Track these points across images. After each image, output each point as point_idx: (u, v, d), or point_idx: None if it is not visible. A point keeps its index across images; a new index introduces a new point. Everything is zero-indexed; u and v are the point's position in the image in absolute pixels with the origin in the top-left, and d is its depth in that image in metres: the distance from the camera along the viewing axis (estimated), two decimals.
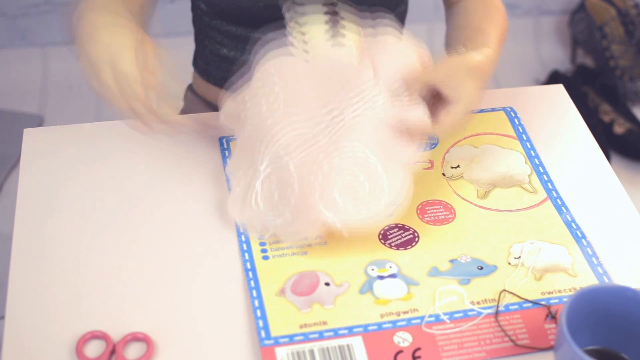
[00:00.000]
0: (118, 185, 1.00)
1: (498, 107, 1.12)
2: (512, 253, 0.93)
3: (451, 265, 0.92)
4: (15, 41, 2.19)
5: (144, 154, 1.03)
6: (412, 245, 0.94)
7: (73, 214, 0.96)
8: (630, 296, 0.81)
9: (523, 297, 0.89)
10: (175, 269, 0.91)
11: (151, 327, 0.85)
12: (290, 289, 0.88)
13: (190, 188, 0.99)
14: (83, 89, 2.11)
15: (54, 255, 0.92)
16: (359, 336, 0.85)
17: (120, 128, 1.08)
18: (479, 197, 1.00)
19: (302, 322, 0.85)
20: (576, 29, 2.29)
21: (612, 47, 2.19)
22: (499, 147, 1.06)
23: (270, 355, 0.82)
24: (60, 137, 1.06)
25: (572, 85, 2.09)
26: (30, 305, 0.87)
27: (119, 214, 0.96)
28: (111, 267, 0.91)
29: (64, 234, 0.94)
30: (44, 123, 2.06)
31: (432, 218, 0.97)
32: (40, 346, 0.84)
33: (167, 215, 0.96)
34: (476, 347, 0.84)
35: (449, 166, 1.04)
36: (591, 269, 0.92)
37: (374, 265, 0.91)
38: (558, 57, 2.32)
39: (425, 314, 0.87)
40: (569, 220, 0.97)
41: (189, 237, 0.94)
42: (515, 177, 1.03)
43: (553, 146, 1.08)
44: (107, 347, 0.83)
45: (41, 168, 1.01)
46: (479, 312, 0.87)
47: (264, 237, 0.93)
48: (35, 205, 0.97)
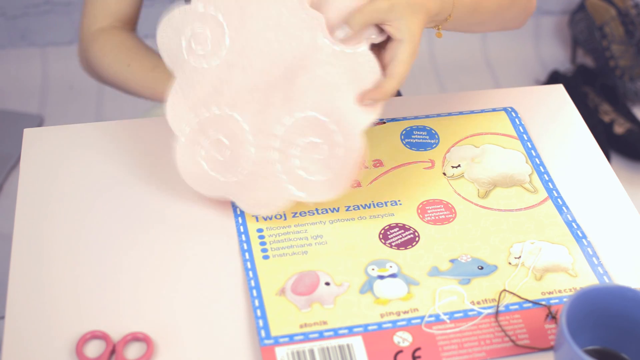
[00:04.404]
0: (118, 185, 0.99)
1: (499, 107, 1.12)
2: (513, 253, 0.93)
3: (451, 265, 0.92)
4: (15, 41, 2.19)
5: (144, 154, 1.03)
6: (413, 244, 0.94)
7: (73, 214, 0.96)
8: (630, 296, 0.81)
9: (523, 297, 0.89)
10: (175, 269, 0.91)
11: (151, 327, 0.85)
12: (291, 289, 0.88)
13: (191, 187, 0.99)
14: (83, 89, 2.12)
15: (53, 255, 0.92)
16: (359, 336, 0.85)
17: (120, 128, 1.08)
18: (480, 197, 1.00)
19: (302, 321, 0.85)
20: (576, 29, 2.29)
21: (612, 47, 2.19)
22: (500, 147, 1.06)
23: (270, 354, 0.82)
24: (60, 137, 1.06)
25: (572, 85, 2.09)
26: (30, 305, 0.87)
27: (119, 214, 0.96)
28: (111, 267, 0.91)
29: (64, 234, 0.94)
30: (44, 123, 2.06)
31: (433, 218, 0.97)
32: (40, 346, 0.84)
33: (167, 215, 0.96)
34: (476, 347, 0.84)
35: (450, 166, 1.04)
36: (591, 269, 0.92)
37: (374, 264, 0.91)
38: (558, 57, 2.32)
39: (426, 314, 0.87)
40: (569, 220, 0.97)
41: (189, 236, 0.94)
42: (516, 177, 1.03)
43: (553, 146, 1.08)
44: (107, 347, 0.83)
45: (41, 168, 1.01)
46: (479, 312, 0.87)
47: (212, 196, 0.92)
48: (35, 205, 0.97)
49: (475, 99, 1.14)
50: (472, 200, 0.99)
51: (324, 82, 0.89)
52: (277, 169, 0.91)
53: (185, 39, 0.92)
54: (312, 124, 0.90)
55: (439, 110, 1.11)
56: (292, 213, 0.96)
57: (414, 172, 1.02)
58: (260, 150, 0.91)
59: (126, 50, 1.11)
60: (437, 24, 0.96)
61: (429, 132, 1.08)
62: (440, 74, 2.27)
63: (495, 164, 1.04)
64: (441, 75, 2.27)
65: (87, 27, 1.14)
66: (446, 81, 2.25)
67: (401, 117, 1.10)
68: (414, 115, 1.10)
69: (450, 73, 2.27)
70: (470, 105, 1.13)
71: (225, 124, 0.92)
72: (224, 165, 0.93)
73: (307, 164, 0.91)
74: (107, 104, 2.11)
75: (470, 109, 1.12)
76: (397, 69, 0.88)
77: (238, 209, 0.96)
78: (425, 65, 2.28)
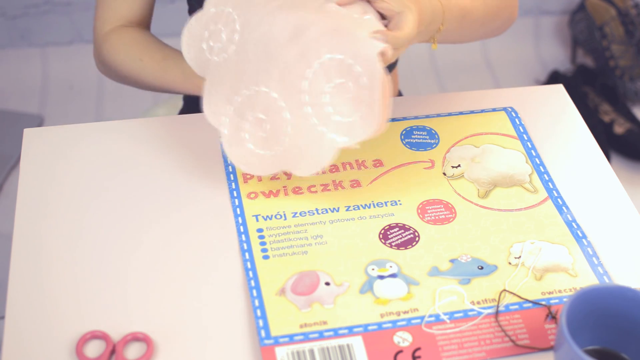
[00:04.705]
0: (118, 185, 0.99)
1: (499, 107, 1.12)
2: (513, 253, 0.93)
3: (451, 265, 0.92)
4: (15, 41, 2.19)
5: (144, 154, 1.03)
6: (413, 244, 0.94)
7: (73, 214, 0.96)
8: (630, 296, 0.81)
9: (523, 297, 0.89)
10: (176, 269, 0.91)
11: (151, 327, 0.85)
12: (291, 289, 0.88)
13: (191, 188, 0.99)
14: (83, 89, 2.12)
15: (54, 255, 0.92)
16: (359, 336, 0.85)
17: (120, 128, 1.08)
18: (480, 197, 1.00)
19: (302, 321, 0.85)
20: (576, 29, 2.29)
21: (612, 47, 2.19)
22: (500, 147, 1.06)
23: (270, 354, 0.82)
24: (60, 137, 1.06)
25: (572, 85, 2.09)
26: (30, 305, 0.87)
27: (119, 214, 0.96)
28: (111, 267, 0.91)
29: (64, 234, 0.94)
30: (44, 123, 2.06)
31: (433, 217, 0.97)
32: (40, 346, 0.84)
33: (167, 215, 0.96)
34: (476, 347, 0.84)
35: (450, 166, 1.04)
36: (591, 269, 0.92)
37: (374, 264, 0.91)
38: (558, 57, 2.32)
39: (426, 314, 0.87)
40: (569, 220, 0.97)
41: (189, 236, 0.94)
42: (516, 177, 1.03)
43: (553, 146, 1.08)
44: (107, 347, 0.83)
45: (41, 168, 1.01)
46: (479, 312, 0.87)
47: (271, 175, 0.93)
48: (35, 205, 0.97)
49: (475, 99, 1.14)
50: (472, 200, 0.99)
51: (333, 28, 0.90)
52: (314, 122, 0.91)
53: (205, 42, 0.95)
54: (331, 67, 0.90)
55: (439, 110, 1.11)
56: (292, 213, 0.96)
57: (414, 172, 1.02)
58: (294, 110, 0.91)
59: (137, 45, 1.11)
60: (431, 35, 0.98)
61: (429, 132, 1.08)
62: (440, 74, 2.27)
63: (495, 164, 1.04)
64: (441, 75, 2.27)
65: (99, 29, 1.13)
66: (446, 81, 2.26)
67: (401, 117, 1.10)
68: (414, 115, 1.10)
69: (450, 73, 2.27)
70: (470, 105, 1.13)
71: (258, 101, 0.92)
72: (268, 140, 0.93)
73: (340, 107, 0.90)
74: (107, 104, 2.11)
75: (470, 109, 1.12)
76: (402, 32, 0.90)
77: (238, 209, 0.97)
78: (425, 65, 2.28)
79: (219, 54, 0.94)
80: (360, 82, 0.89)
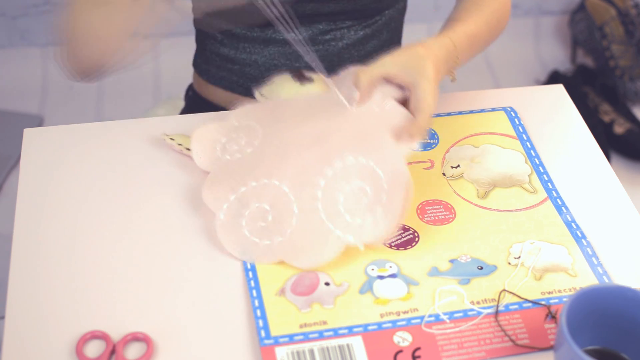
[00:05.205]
0: (118, 185, 0.99)
1: (498, 107, 1.12)
2: (512, 253, 0.93)
3: (451, 265, 0.92)
4: (15, 41, 2.19)
5: (144, 154, 1.03)
6: (412, 245, 0.94)
7: (73, 214, 0.96)
8: (630, 296, 0.81)
9: (523, 297, 0.89)
10: (176, 269, 0.91)
11: (151, 327, 0.85)
12: (290, 289, 0.88)
13: (191, 187, 0.99)
14: (83, 89, 2.12)
15: (54, 256, 0.92)
16: (359, 336, 0.85)
17: (120, 128, 1.08)
18: (479, 197, 1.00)
19: (302, 321, 0.85)
20: (576, 29, 2.29)
21: (612, 47, 2.19)
22: (499, 147, 1.06)
23: (270, 354, 0.83)
24: (60, 137, 1.06)
25: (572, 85, 2.09)
26: (30, 305, 0.87)
27: (119, 214, 0.96)
28: (111, 267, 0.91)
29: (64, 234, 0.94)
30: (44, 123, 2.06)
31: (432, 218, 0.97)
32: (40, 346, 0.84)
33: (167, 215, 0.96)
34: (476, 347, 0.84)
35: (449, 166, 1.04)
36: (591, 269, 0.92)
37: (374, 265, 0.91)
38: (558, 57, 2.32)
39: (425, 314, 0.87)
40: (569, 220, 0.97)
41: (189, 237, 0.94)
42: (516, 177, 1.03)
43: (553, 146, 1.08)
44: (107, 347, 0.83)
45: (41, 168, 1.01)
46: (478, 312, 0.87)
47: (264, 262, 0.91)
48: (35, 205, 0.97)
49: (475, 99, 1.14)
50: (472, 201, 0.99)
51: (358, 133, 0.93)
52: (322, 218, 0.91)
53: (220, 145, 0.99)
54: (353, 169, 0.92)
55: (439, 110, 1.11)
56: None
57: (413, 172, 1.02)
58: (303, 204, 0.92)
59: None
60: (449, 70, 1.01)
61: (429, 132, 1.08)
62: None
63: (495, 164, 1.04)
64: None
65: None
66: (446, 81, 2.25)
67: None
68: None
69: None
70: (470, 105, 1.13)
71: (265, 192, 0.93)
72: (266, 230, 0.92)
73: (352, 208, 0.91)
74: (107, 104, 2.11)
75: (470, 109, 1.12)
76: (422, 104, 0.92)
77: None
78: None
79: (232, 155, 0.97)
80: (379, 185, 0.91)
